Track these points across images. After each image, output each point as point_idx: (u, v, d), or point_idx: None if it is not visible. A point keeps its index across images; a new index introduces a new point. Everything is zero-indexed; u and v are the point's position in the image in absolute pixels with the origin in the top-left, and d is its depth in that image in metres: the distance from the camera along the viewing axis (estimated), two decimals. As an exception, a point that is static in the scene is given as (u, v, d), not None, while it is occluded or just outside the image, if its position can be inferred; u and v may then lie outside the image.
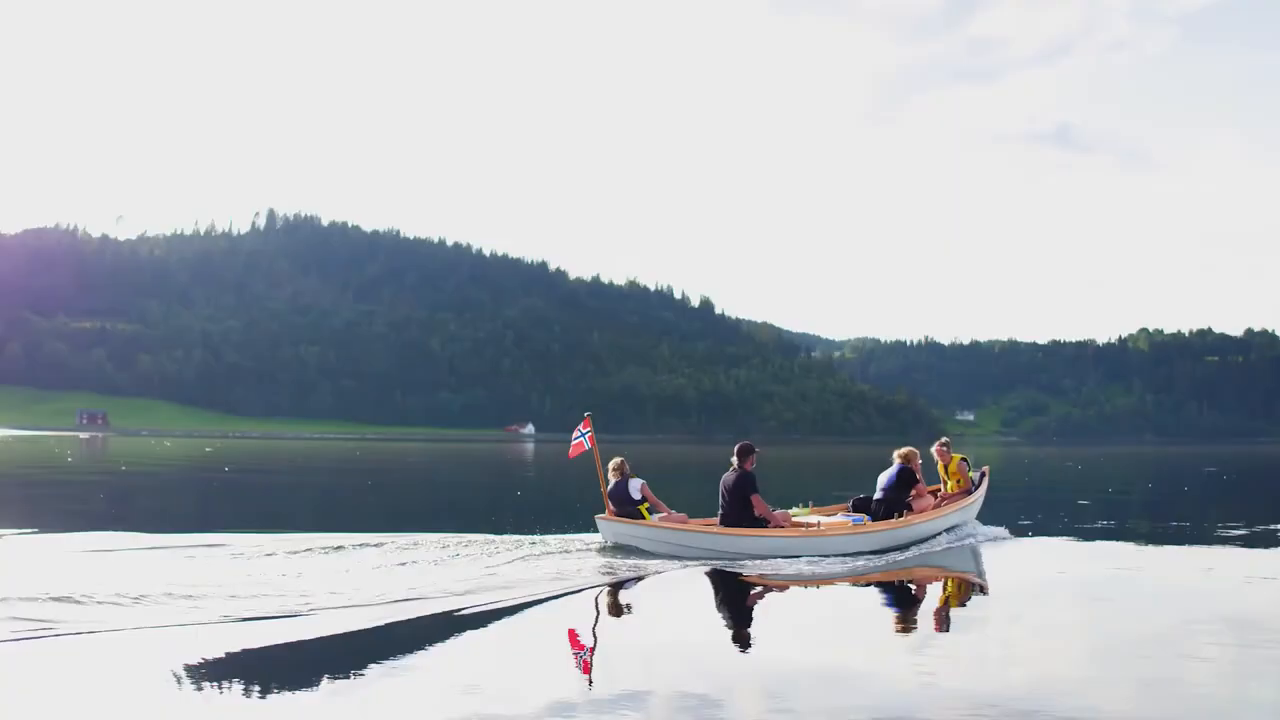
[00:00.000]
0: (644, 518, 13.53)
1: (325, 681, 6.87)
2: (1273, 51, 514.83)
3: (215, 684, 6.69)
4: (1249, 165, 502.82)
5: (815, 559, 12.79)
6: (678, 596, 10.91)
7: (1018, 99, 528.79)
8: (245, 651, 7.72)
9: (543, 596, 10.07)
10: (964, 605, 10.87)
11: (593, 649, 8.13)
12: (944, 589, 11.89)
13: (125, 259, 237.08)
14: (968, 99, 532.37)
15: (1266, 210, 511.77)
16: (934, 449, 16.35)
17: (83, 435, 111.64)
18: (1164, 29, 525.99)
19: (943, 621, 9.69)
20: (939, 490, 15.84)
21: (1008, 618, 9.91)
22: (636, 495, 13.77)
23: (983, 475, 16.23)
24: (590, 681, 7.01)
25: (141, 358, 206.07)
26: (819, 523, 14.08)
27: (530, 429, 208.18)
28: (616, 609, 10.07)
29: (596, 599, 10.35)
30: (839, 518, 14.53)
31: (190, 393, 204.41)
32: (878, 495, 14.91)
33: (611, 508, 13.78)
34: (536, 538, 13.69)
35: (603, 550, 13.07)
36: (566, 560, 12.23)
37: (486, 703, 6.34)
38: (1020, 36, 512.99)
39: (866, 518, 14.41)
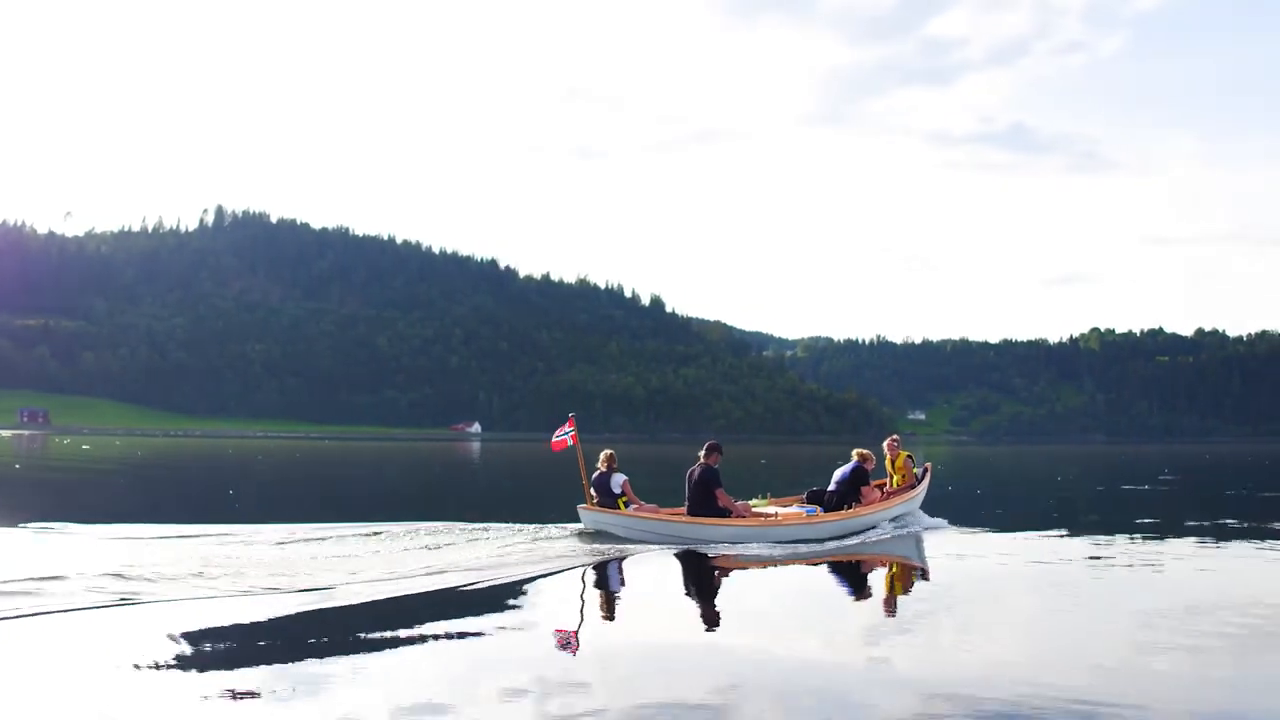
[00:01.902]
0: (621, 509, 15.09)
1: (342, 655, 7.67)
2: (1223, 54, 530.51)
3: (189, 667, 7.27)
4: (1201, 166, 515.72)
5: (772, 545, 14.34)
6: (650, 575, 12.32)
7: (971, 100, 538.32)
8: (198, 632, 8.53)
9: (537, 575, 11.55)
10: (901, 584, 12.35)
11: (580, 621, 9.34)
12: (885, 571, 13.36)
13: (71, 256, 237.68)
14: (921, 100, 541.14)
15: (1217, 211, 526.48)
16: (885, 444, 18.02)
17: (24, 433, 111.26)
18: (1117, 31, 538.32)
19: (879, 597, 11.35)
20: (884, 485, 17.41)
21: (942, 597, 11.04)
22: (617, 490, 15.22)
23: (925, 471, 17.97)
24: (576, 647, 8.23)
25: (85, 355, 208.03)
26: (776, 513, 15.63)
27: (476, 427, 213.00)
28: (601, 583, 11.61)
29: (583, 576, 11.87)
30: (794, 509, 16.07)
31: (134, 391, 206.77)
32: (831, 487, 16.57)
33: (594, 495, 15.32)
34: (521, 526, 15.20)
35: (585, 536, 14.51)
36: (554, 544, 13.82)
37: (496, 661, 7.66)
38: (974, 38, 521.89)
39: (819, 509, 16.05)
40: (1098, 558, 13.97)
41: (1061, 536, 16.58)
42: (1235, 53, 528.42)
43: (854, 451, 16.84)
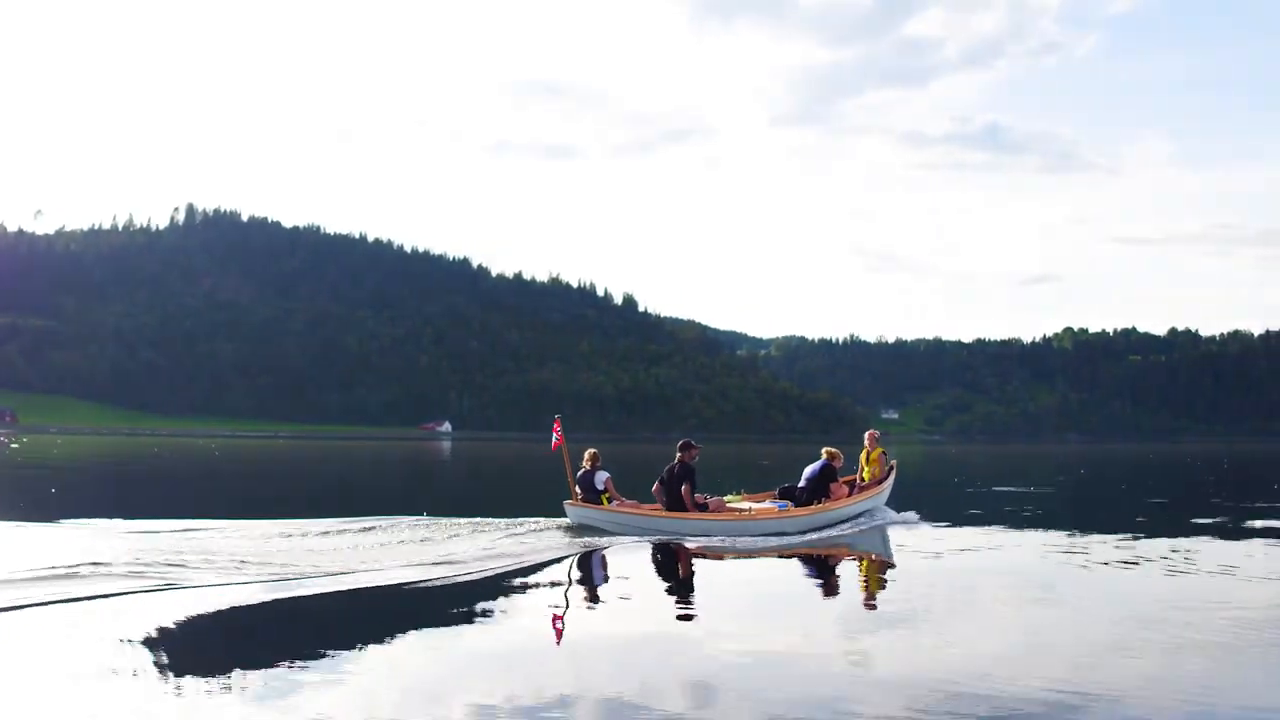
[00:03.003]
0: (604, 505, 16.16)
1: (346, 644, 8.18)
2: (1197, 55, 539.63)
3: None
4: (1174, 167, 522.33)
5: (747, 538, 15.32)
6: (634, 566, 13.29)
7: (946, 101, 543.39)
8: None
9: (529, 565, 12.60)
10: (867, 575, 13.22)
11: (566, 604, 10.22)
12: (851, 562, 14.28)
13: (40, 254, 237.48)
14: (896, 100, 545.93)
15: (1190, 211, 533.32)
16: (866, 435, 19.35)
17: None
18: (1092, 32, 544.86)
19: (845, 586, 12.24)
20: (854, 480, 18.36)
21: (904, 587, 11.82)
22: (600, 486, 16.19)
23: (891, 468, 18.80)
24: (563, 634, 8.85)
25: (54, 354, 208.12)
26: (750, 508, 16.61)
27: (447, 426, 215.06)
28: (588, 573, 12.58)
29: (571, 566, 12.93)
30: (766, 504, 16.98)
31: (103, 390, 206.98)
32: (801, 483, 17.57)
33: (579, 492, 16.37)
34: (510, 520, 16.29)
35: (572, 530, 15.64)
36: (543, 536, 15.03)
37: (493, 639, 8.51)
38: (949, 39, 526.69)
39: (790, 504, 16.98)
40: (1056, 549, 15.01)
41: (1030, 531, 17.46)
42: (1209, 54, 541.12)
43: (823, 450, 17.86)
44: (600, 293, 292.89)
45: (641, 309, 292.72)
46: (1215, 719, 6.45)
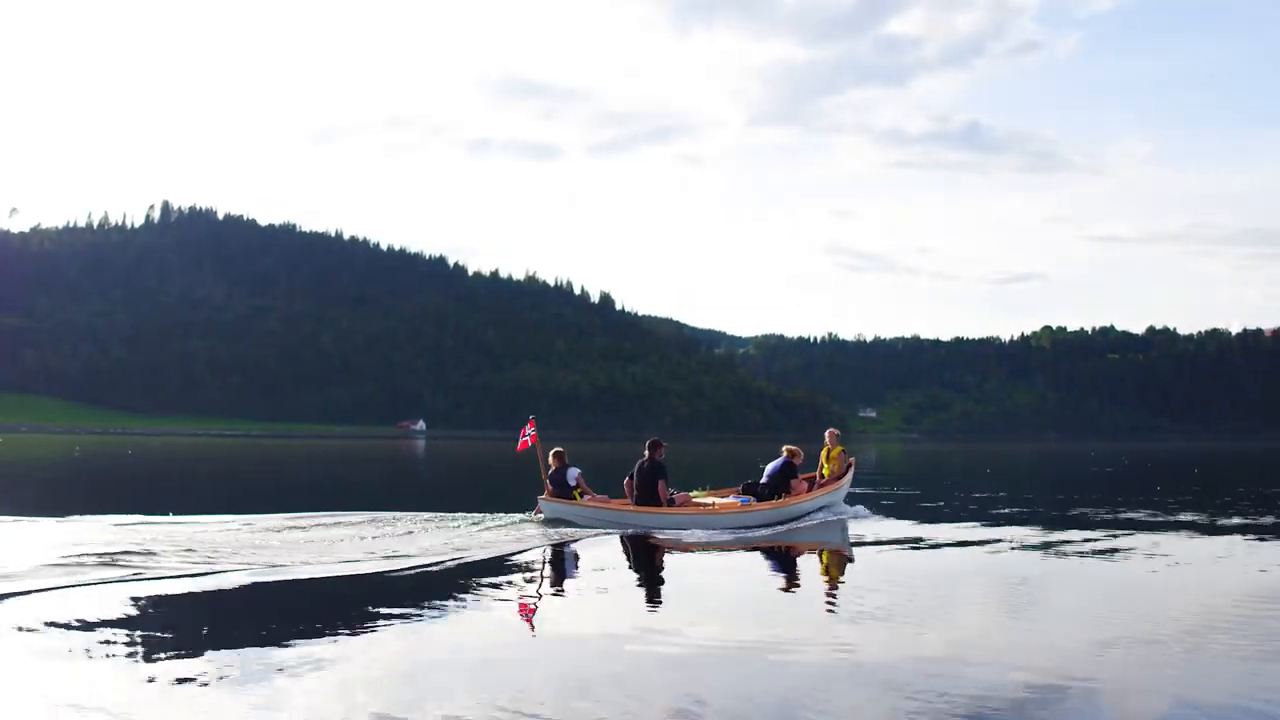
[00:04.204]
0: (575, 500, 16.93)
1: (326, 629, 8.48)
2: (1177, 55, 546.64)
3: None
4: (1154, 166, 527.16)
5: (711, 531, 16.22)
6: (603, 557, 13.96)
7: (926, 100, 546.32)
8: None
9: (506, 554, 13.41)
10: (825, 566, 14.03)
11: (538, 594, 10.91)
12: (810, 554, 15.21)
13: (14, 252, 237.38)
14: (876, 99, 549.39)
15: (1170, 211, 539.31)
16: (827, 433, 20.21)
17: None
18: (1072, 32, 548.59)
19: (804, 577, 12.93)
20: (814, 476, 19.03)
21: (860, 575, 12.64)
22: (571, 483, 17.04)
23: (849, 465, 19.51)
24: (533, 621, 9.39)
25: (26, 353, 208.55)
26: (714, 503, 17.48)
27: (421, 425, 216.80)
28: (559, 565, 13.32)
29: (544, 555, 13.85)
30: (731, 499, 17.75)
31: (76, 389, 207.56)
32: (764, 480, 18.19)
33: (551, 489, 17.15)
34: (484, 515, 17.06)
35: (545, 523, 16.41)
36: (517, 529, 15.81)
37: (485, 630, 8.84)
38: (929, 38, 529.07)
39: (753, 499, 17.68)
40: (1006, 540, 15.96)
41: (986, 526, 18.27)
42: (1189, 54, 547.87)
43: (784, 448, 18.55)
44: (577, 291, 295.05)
45: (619, 307, 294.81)
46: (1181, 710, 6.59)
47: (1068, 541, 15.79)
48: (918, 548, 15.38)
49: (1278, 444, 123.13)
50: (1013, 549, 15.12)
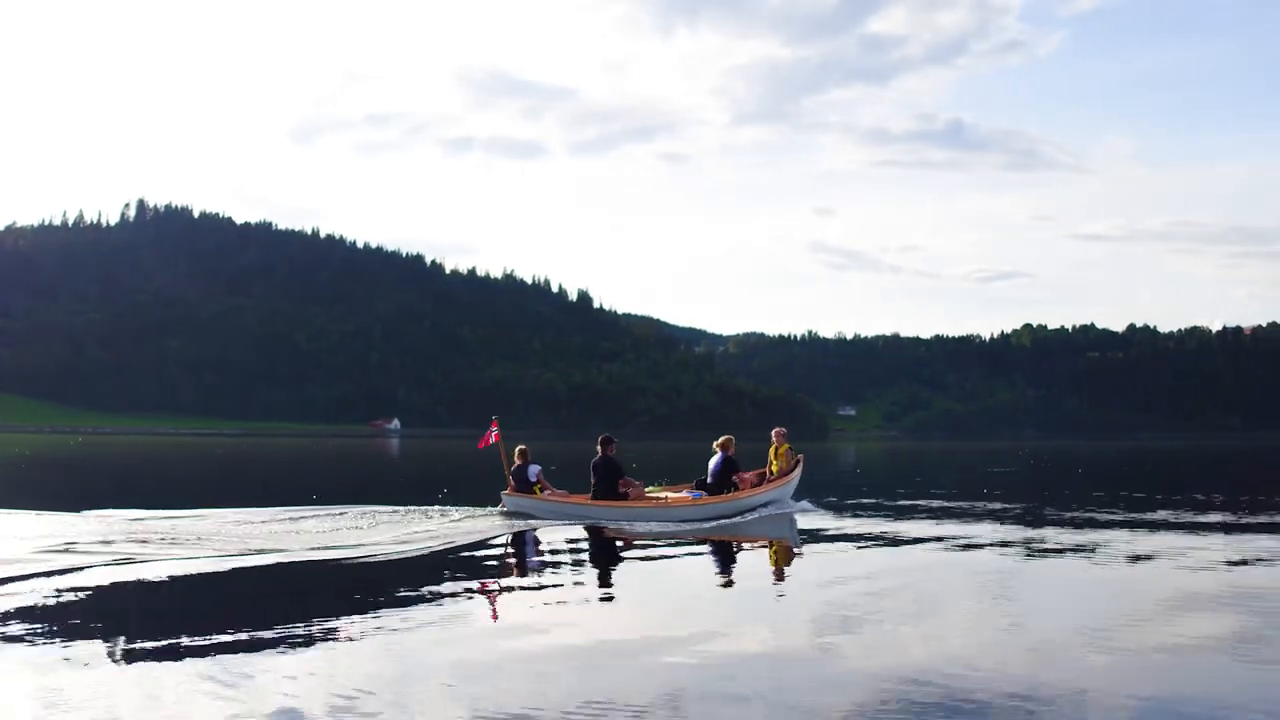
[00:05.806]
0: (536, 494, 18.28)
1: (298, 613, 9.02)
2: (1161, 53, 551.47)
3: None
4: (1137, 165, 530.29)
5: (663, 523, 17.30)
6: (561, 547, 15.12)
7: (910, 98, 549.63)
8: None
9: (468, 543, 14.52)
10: (772, 556, 15.09)
11: (499, 579, 11.88)
12: (754, 544, 16.35)
13: None
14: (860, 98, 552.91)
15: (1153, 209, 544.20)
16: (773, 432, 20.32)
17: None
18: (1056, 31, 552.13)
19: (747, 565, 14.04)
20: (764, 472, 19.65)
21: (804, 566, 13.36)
22: (532, 479, 18.35)
23: (797, 462, 20.08)
24: (496, 610, 9.89)
25: (0, 352, 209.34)
26: (667, 497, 18.68)
27: (395, 424, 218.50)
28: (520, 554, 14.40)
29: (506, 544, 15.04)
30: (683, 494, 18.83)
31: (51, 387, 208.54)
32: (709, 479, 19.10)
33: (513, 484, 18.46)
34: (451, 508, 18.34)
35: (507, 516, 17.73)
36: (481, 521, 17.15)
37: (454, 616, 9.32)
38: (913, 37, 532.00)
39: (705, 494, 18.67)
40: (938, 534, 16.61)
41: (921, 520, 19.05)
42: (1173, 52, 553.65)
43: (715, 444, 19.45)
44: (555, 289, 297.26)
45: (596, 305, 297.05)
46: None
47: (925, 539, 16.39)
48: (850, 537, 16.40)
49: (1254, 442, 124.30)
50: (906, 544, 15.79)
